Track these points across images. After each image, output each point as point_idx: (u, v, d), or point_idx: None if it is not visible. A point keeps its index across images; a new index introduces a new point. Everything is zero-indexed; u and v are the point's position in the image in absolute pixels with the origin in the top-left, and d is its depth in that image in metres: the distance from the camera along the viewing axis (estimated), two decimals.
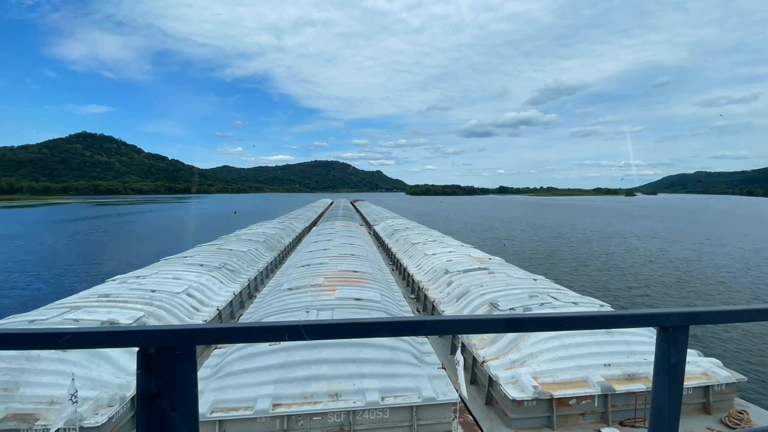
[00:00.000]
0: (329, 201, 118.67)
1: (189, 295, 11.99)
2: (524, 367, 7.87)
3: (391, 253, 24.58)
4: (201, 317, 11.34)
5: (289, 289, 11.81)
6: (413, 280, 16.81)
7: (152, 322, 9.40)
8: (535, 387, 7.22)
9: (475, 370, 9.00)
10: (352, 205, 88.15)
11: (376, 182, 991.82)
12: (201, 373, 7.52)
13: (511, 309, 9.94)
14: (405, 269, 18.96)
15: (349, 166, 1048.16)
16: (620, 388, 7.31)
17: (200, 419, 2.51)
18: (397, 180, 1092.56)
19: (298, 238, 32.32)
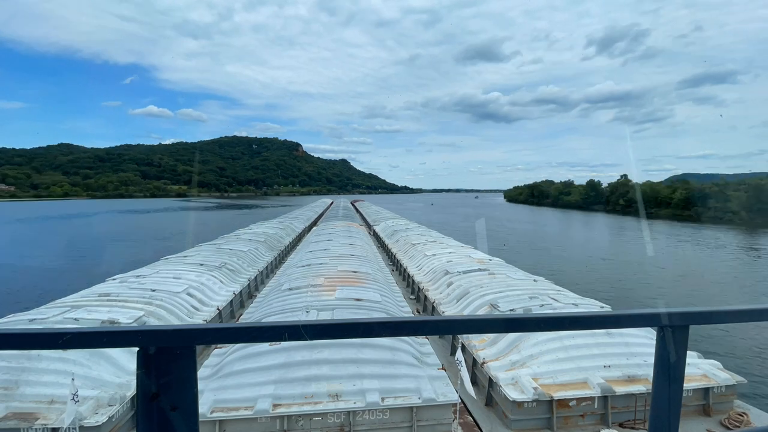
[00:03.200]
0: (329, 201, 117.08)
1: (189, 294, 11.99)
2: (524, 368, 7.86)
3: (391, 253, 24.59)
4: (201, 317, 11.34)
5: (290, 289, 11.81)
6: (413, 280, 16.80)
7: (152, 322, 9.41)
8: (535, 388, 7.21)
9: (475, 371, 8.99)
10: (352, 205, 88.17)
11: (346, 175, 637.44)
12: (201, 373, 7.53)
13: (511, 310, 9.94)
14: (405, 270, 18.95)
15: (298, 146, 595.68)
16: (620, 389, 7.30)
17: (200, 419, 2.52)
18: (370, 175, 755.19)
19: (298, 238, 32.33)
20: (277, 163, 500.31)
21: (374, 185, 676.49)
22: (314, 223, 44.44)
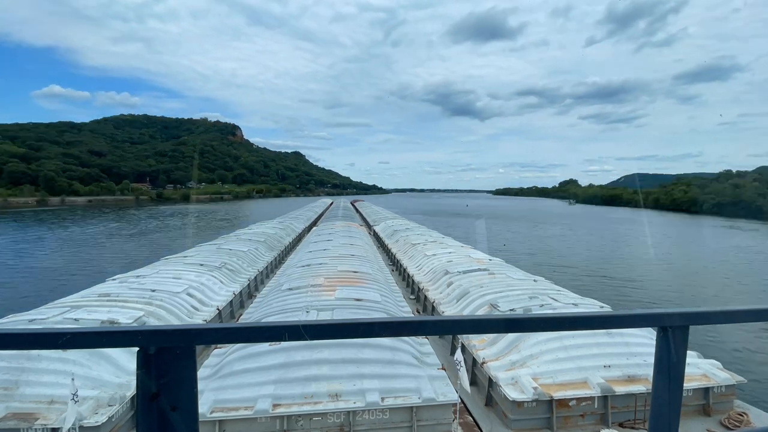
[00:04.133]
0: (329, 201, 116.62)
1: (189, 294, 11.99)
2: (524, 368, 7.86)
3: (391, 253, 24.58)
4: (201, 317, 11.34)
5: (289, 289, 11.81)
6: (413, 280, 16.80)
7: (152, 322, 9.41)
8: (535, 388, 7.21)
9: (475, 371, 8.99)
10: (352, 205, 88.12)
11: (304, 170, 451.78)
12: (201, 373, 7.52)
13: (511, 310, 9.94)
14: (405, 270, 18.95)
15: (236, 129, 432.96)
16: (620, 389, 7.30)
17: (200, 419, 2.51)
18: (331, 171, 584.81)
19: (298, 238, 32.33)
20: (200, 150, 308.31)
21: (343, 183, 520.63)
22: (314, 223, 44.45)
